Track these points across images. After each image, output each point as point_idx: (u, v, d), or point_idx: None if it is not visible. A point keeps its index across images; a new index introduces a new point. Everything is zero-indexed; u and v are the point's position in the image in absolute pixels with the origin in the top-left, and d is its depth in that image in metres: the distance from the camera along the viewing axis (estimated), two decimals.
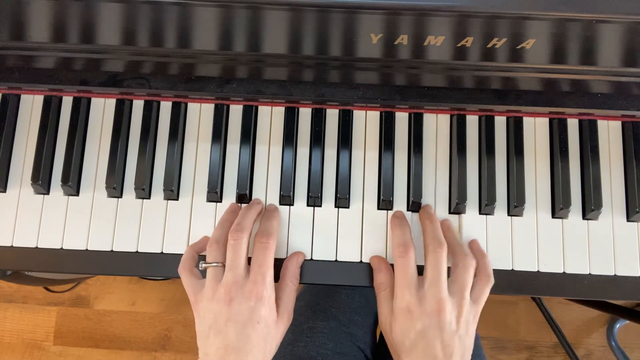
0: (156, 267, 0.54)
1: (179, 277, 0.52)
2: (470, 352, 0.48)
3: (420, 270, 0.49)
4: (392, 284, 0.51)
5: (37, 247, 0.54)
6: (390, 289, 0.51)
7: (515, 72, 0.52)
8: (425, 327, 0.46)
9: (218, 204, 0.55)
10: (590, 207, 0.54)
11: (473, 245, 0.53)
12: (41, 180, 0.54)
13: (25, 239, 0.54)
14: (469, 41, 0.45)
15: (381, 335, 0.76)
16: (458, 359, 0.46)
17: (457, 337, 0.47)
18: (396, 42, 0.46)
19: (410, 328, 0.47)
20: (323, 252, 0.54)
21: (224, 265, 0.49)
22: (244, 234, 0.49)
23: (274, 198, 0.55)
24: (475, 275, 0.50)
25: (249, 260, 0.50)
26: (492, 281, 0.50)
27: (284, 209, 0.55)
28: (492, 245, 0.54)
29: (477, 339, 0.71)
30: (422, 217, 0.53)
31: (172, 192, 0.54)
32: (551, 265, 0.53)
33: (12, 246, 0.54)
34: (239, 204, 0.55)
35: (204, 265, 0.50)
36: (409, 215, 0.55)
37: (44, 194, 0.55)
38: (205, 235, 0.54)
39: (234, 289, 0.47)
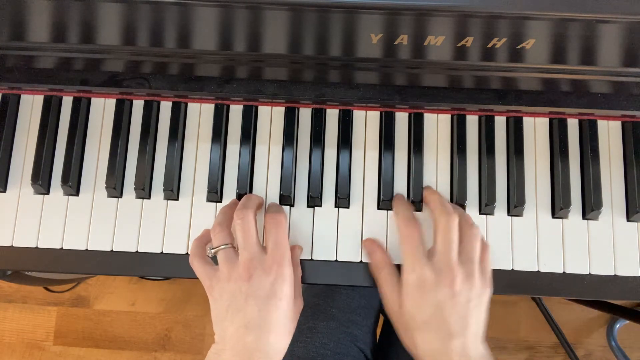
0: (156, 267, 0.54)
1: (178, 277, 0.51)
2: (483, 326, 0.47)
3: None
4: (389, 263, 0.50)
5: (37, 247, 0.54)
6: (389, 267, 0.50)
7: (515, 72, 0.52)
8: (439, 299, 0.45)
9: (218, 204, 0.55)
10: (590, 207, 0.54)
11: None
12: (41, 180, 0.54)
13: (25, 239, 0.54)
14: (469, 41, 0.45)
15: (381, 335, 0.76)
16: (473, 330, 0.45)
17: (471, 307, 0.46)
18: (396, 42, 0.46)
19: (424, 302, 0.46)
20: (323, 252, 0.54)
21: (232, 247, 0.48)
22: (250, 211, 0.48)
23: (274, 198, 0.55)
24: None
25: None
26: (489, 248, 0.50)
27: (284, 209, 0.55)
28: (492, 245, 0.54)
29: None
30: (426, 193, 0.53)
31: (172, 192, 0.54)
32: (551, 265, 0.53)
33: (12, 246, 0.54)
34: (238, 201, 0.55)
35: (212, 250, 0.49)
36: None
37: (44, 194, 0.55)
38: (206, 228, 0.54)
39: (252, 265, 0.46)
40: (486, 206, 0.54)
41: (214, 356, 0.46)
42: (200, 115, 0.57)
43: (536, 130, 0.56)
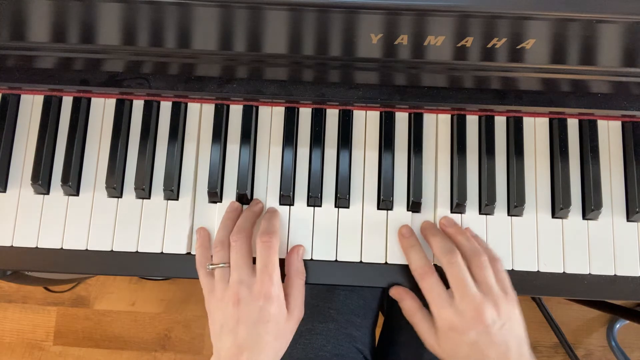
0: (156, 267, 0.54)
1: (178, 277, 0.52)
2: (526, 339, 0.47)
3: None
4: (420, 307, 0.51)
5: (37, 247, 0.54)
6: (421, 311, 0.51)
7: (515, 72, 0.52)
8: (473, 338, 0.46)
9: (218, 204, 0.55)
10: (590, 207, 0.54)
11: (467, 233, 0.53)
12: (41, 180, 0.54)
13: (25, 239, 0.54)
14: (469, 41, 0.45)
15: (380, 336, 0.76)
16: (515, 351, 0.46)
17: (505, 330, 0.46)
18: (396, 42, 0.46)
19: (460, 343, 0.47)
20: (323, 252, 0.54)
21: (229, 266, 0.50)
22: (243, 234, 0.50)
23: (274, 198, 0.55)
24: None
25: (254, 260, 0.50)
26: (501, 261, 0.50)
27: (284, 209, 0.55)
28: (492, 245, 0.54)
29: None
30: (424, 231, 0.53)
31: (172, 192, 0.54)
32: (551, 265, 0.53)
33: (12, 246, 0.54)
34: (239, 203, 0.55)
35: (211, 267, 0.51)
36: (409, 216, 0.55)
37: (44, 194, 0.55)
38: (201, 227, 0.54)
39: (241, 290, 0.48)
40: (486, 206, 0.54)
41: None
42: (200, 115, 0.57)
43: (536, 130, 0.56)
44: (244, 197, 0.55)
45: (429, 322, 0.50)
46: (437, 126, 0.57)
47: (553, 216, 0.55)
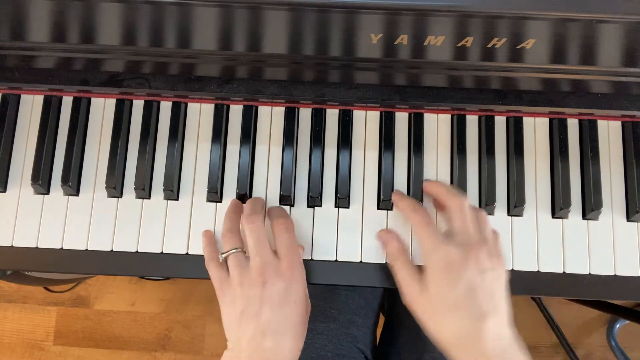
0: (156, 267, 0.54)
1: (178, 277, 0.51)
2: (509, 304, 0.46)
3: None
4: (405, 250, 0.50)
5: (37, 247, 0.54)
6: (405, 254, 0.50)
7: (515, 72, 0.52)
8: (469, 277, 0.44)
9: (218, 204, 0.55)
10: (590, 207, 0.54)
11: None
12: (41, 180, 0.54)
13: (25, 239, 0.54)
14: (469, 41, 0.45)
15: (381, 336, 0.76)
16: (502, 310, 0.44)
17: (497, 287, 0.45)
18: (396, 42, 0.46)
19: (454, 281, 0.44)
20: (323, 252, 0.54)
21: (243, 251, 0.49)
22: (259, 216, 0.49)
23: (274, 198, 0.55)
24: None
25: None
26: (498, 232, 0.50)
27: (284, 209, 0.55)
28: None
29: None
30: (428, 185, 0.53)
31: (172, 192, 0.54)
32: (551, 265, 0.53)
33: (12, 246, 0.54)
34: (240, 202, 0.55)
35: (223, 255, 0.49)
36: None
37: (44, 194, 0.55)
38: (206, 230, 0.54)
39: (266, 270, 0.46)
40: (486, 206, 0.54)
41: None
42: (200, 115, 0.57)
43: (536, 130, 0.56)
44: (244, 197, 0.55)
45: (412, 265, 0.48)
46: (437, 126, 0.57)
47: (553, 216, 0.55)
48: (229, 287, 0.48)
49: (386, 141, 0.55)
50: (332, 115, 0.57)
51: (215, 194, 0.54)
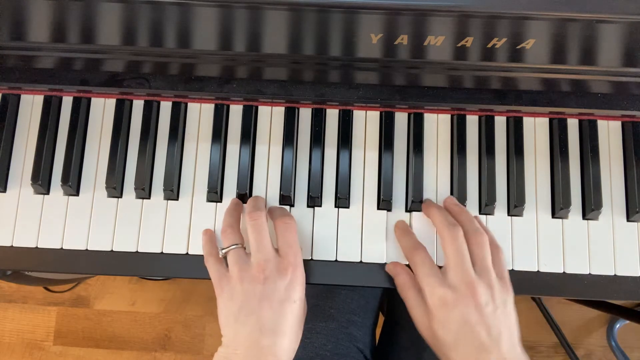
0: (156, 267, 0.54)
1: (178, 277, 0.51)
2: (517, 331, 0.45)
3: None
4: (415, 284, 0.49)
5: (37, 247, 0.54)
6: (414, 287, 0.49)
7: (515, 72, 0.52)
8: (463, 314, 0.44)
9: (218, 204, 0.55)
10: (590, 207, 0.54)
11: (470, 214, 0.52)
12: (41, 180, 0.54)
13: (25, 239, 0.54)
14: (469, 41, 0.45)
15: (381, 336, 0.76)
16: (506, 340, 0.44)
17: (497, 316, 0.44)
18: (396, 42, 0.46)
19: (449, 320, 0.45)
20: (323, 252, 0.54)
21: (243, 247, 0.49)
22: (262, 213, 0.49)
23: (274, 198, 0.55)
24: None
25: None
26: (501, 249, 0.49)
27: (286, 209, 0.55)
28: None
29: None
30: (427, 209, 0.53)
31: (172, 192, 0.54)
32: (551, 265, 0.53)
33: (12, 246, 0.54)
34: (241, 201, 0.55)
35: (223, 250, 0.49)
36: (409, 216, 0.55)
37: (44, 194, 0.55)
38: (206, 228, 0.54)
39: (267, 267, 0.46)
40: (486, 206, 0.54)
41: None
42: (200, 115, 0.57)
43: (536, 130, 0.56)
44: (244, 197, 0.55)
45: (421, 301, 0.48)
46: (437, 126, 0.57)
47: (553, 216, 0.55)
48: (227, 282, 0.47)
49: (386, 141, 0.55)
50: (332, 115, 0.57)
51: (215, 194, 0.54)
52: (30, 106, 0.57)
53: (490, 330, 0.44)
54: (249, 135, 0.56)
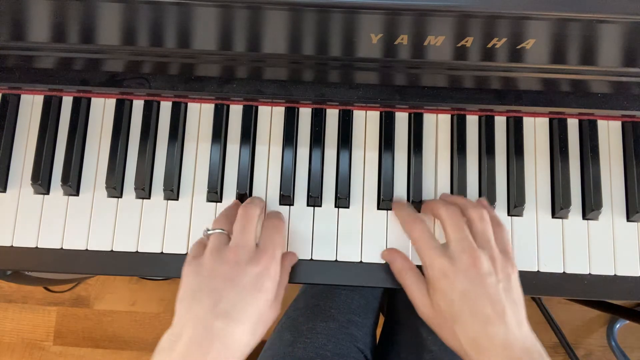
0: (156, 267, 0.54)
1: (179, 277, 0.51)
2: (523, 307, 0.44)
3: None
4: (411, 266, 0.49)
5: (37, 247, 0.54)
6: (412, 270, 0.49)
7: (515, 72, 0.52)
8: (465, 285, 0.43)
9: (218, 204, 0.55)
10: (590, 207, 0.54)
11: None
12: (41, 180, 0.54)
13: (25, 239, 0.54)
14: (469, 41, 0.45)
15: (381, 336, 0.76)
16: (511, 314, 0.43)
17: (503, 289, 0.43)
18: (396, 42, 0.46)
19: (450, 292, 0.44)
20: (323, 252, 0.54)
21: (228, 236, 0.47)
22: (256, 207, 0.48)
23: (274, 198, 0.55)
24: None
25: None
26: (504, 226, 0.49)
27: (284, 209, 0.55)
28: None
29: None
30: (424, 205, 0.53)
31: (172, 192, 0.54)
32: (551, 265, 0.53)
33: (12, 246, 0.54)
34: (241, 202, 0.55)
35: (209, 231, 0.48)
36: None
37: (44, 194, 0.55)
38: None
39: (242, 252, 0.44)
40: None
41: (168, 343, 0.41)
42: (200, 115, 0.57)
43: (536, 130, 0.56)
44: (244, 197, 0.55)
45: (420, 280, 0.48)
46: (437, 126, 0.57)
47: (553, 216, 0.55)
48: (197, 259, 0.45)
49: (386, 141, 0.55)
50: (332, 115, 0.57)
51: (215, 194, 0.54)
52: (30, 106, 0.57)
53: (495, 304, 0.43)
54: (249, 135, 0.56)
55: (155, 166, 0.56)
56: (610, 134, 0.56)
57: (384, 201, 0.54)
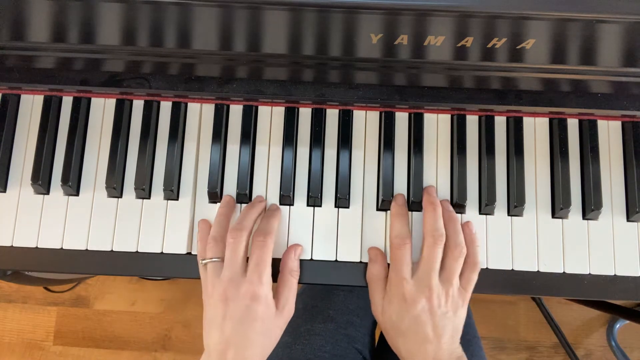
0: (156, 267, 0.54)
1: (178, 277, 0.52)
2: (460, 332, 0.52)
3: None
4: (384, 276, 0.53)
5: (37, 247, 0.54)
6: (382, 280, 0.53)
7: (515, 72, 0.52)
8: (418, 312, 0.50)
9: (218, 203, 0.55)
10: (590, 207, 0.54)
11: (466, 229, 0.53)
12: (41, 180, 0.54)
13: (25, 239, 0.54)
14: (469, 41, 0.45)
15: (381, 337, 0.76)
16: (448, 336, 0.50)
17: (446, 318, 0.50)
18: (396, 42, 0.46)
19: (405, 313, 0.50)
20: (323, 252, 0.54)
21: (222, 261, 0.50)
22: (244, 233, 0.50)
23: (274, 198, 0.55)
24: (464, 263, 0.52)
25: (247, 260, 0.51)
26: (478, 268, 0.52)
27: (284, 209, 0.55)
28: (492, 245, 0.54)
29: (478, 339, 0.71)
30: (426, 202, 0.54)
31: (172, 192, 0.54)
32: (551, 265, 0.53)
33: (12, 246, 0.54)
34: (233, 197, 0.55)
35: (203, 262, 0.51)
36: (409, 215, 0.55)
37: (44, 194, 0.55)
38: (202, 219, 0.54)
39: (229, 288, 0.49)
40: (486, 206, 0.54)
41: None
42: (200, 115, 0.57)
43: (536, 130, 0.56)
44: (244, 197, 0.55)
45: (384, 290, 0.52)
46: (437, 126, 0.57)
47: (553, 216, 0.55)
48: (205, 292, 0.51)
49: (386, 141, 0.55)
50: (332, 115, 0.57)
51: (215, 194, 0.54)
52: (30, 106, 0.57)
53: (436, 328, 0.50)
54: (249, 135, 0.56)
55: (155, 166, 0.56)
56: (610, 134, 0.56)
57: (384, 201, 0.54)
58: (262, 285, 0.49)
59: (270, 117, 0.57)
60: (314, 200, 0.54)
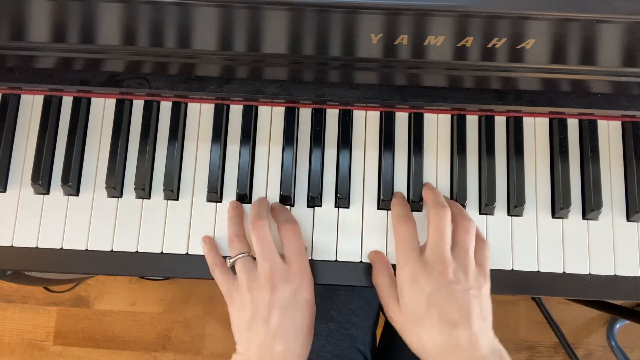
0: (156, 267, 0.54)
1: (178, 277, 0.52)
2: (490, 317, 0.45)
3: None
4: (391, 274, 0.50)
5: (37, 247, 0.54)
6: (390, 276, 0.50)
7: (515, 72, 0.52)
8: (433, 290, 0.44)
9: (218, 204, 0.55)
10: (590, 207, 0.54)
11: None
12: (41, 180, 0.54)
13: (25, 239, 0.54)
14: (469, 41, 0.45)
15: (381, 337, 0.76)
16: (477, 318, 0.43)
17: (470, 295, 0.44)
18: (396, 42, 0.46)
19: (419, 295, 0.44)
20: (323, 252, 0.54)
21: (250, 255, 0.49)
22: (265, 222, 0.49)
23: (274, 198, 0.55)
24: None
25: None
26: (488, 244, 0.49)
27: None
28: (492, 245, 0.54)
29: None
30: (424, 190, 0.53)
31: (172, 192, 0.54)
32: (551, 265, 0.53)
33: (12, 246, 0.54)
34: (239, 202, 0.55)
35: (231, 260, 0.49)
36: None
37: (44, 194, 0.55)
38: (205, 236, 0.54)
39: (275, 275, 0.46)
40: (486, 206, 0.54)
41: None
42: (200, 115, 0.57)
43: (536, 130, 0.56)
44: (244, 197, 0.55)
45: (393, 285, 0.48)
46: (437, 126, 0.57)
47: (553, 216, 0.55)
48: (237, 291, 0.48)
49: (386, 141, 0.55)
50: (332, 115, 0.57)
51: (215, 194, 0.54)
52: (30, 106, 0.57)
53: (462, 309, 0.43)
54: (249, 135, 0.56)
55: (155, 166, 0.56)
56: (610, 134, 0.56)
57: (384, 201, 0.54)
58: (307, 271, 0.48)
59: (270, 117, 0.57)
60: (314, 200, 0.54)
